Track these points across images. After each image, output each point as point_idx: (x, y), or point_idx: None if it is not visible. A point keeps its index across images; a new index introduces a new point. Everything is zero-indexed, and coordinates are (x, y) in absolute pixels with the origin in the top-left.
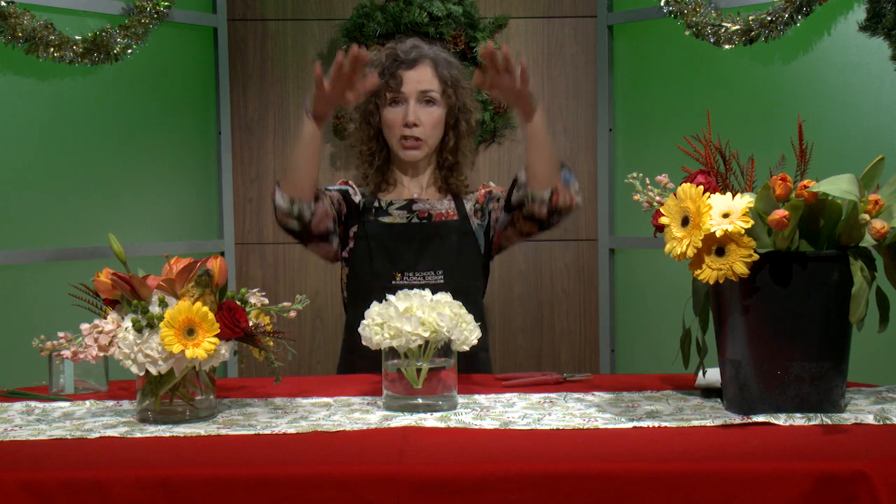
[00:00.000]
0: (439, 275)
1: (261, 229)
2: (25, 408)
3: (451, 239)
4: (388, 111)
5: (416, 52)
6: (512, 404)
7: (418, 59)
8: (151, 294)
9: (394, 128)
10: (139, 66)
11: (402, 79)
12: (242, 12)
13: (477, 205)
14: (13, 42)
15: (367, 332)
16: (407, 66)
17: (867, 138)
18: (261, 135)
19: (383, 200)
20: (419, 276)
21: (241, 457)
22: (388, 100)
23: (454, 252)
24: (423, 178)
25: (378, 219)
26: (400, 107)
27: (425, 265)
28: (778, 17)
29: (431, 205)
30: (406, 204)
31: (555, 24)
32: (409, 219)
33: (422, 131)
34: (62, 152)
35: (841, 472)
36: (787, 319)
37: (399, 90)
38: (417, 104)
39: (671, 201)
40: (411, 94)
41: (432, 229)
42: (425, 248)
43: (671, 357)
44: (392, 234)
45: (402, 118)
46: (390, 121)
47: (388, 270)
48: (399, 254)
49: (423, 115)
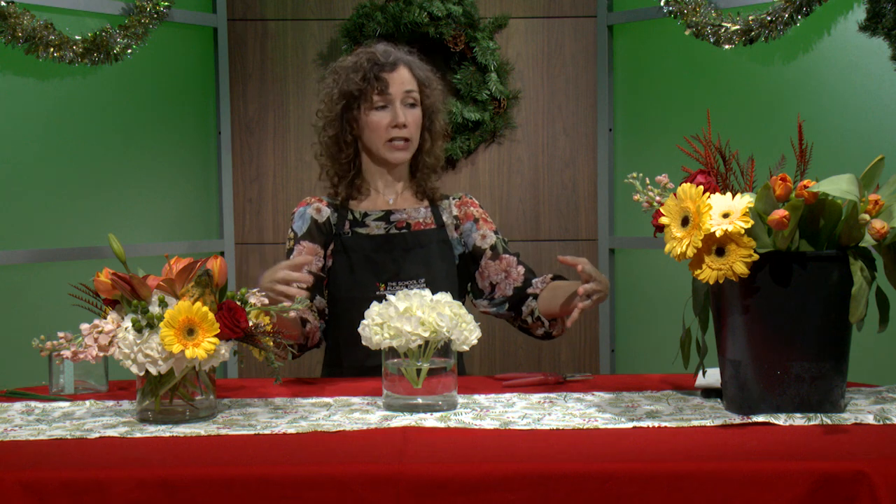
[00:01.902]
0: (422, 283)
1: (261, 229)
2: (25, 408)
3: (431, 248)
4: (373, 115)
5: (392, 55)
6: (512, 404)
7: (397, 61)
8: (151, 294)
9: (379, 131)
10: (139, 66)
11: (388, 81)
12: (242, 12)
13: (455, 221)
14: (13, 42)
15: (367, 332)
16: (389, 68)
17: (867, 138)
18: (261, 135)
19: (356, 211)
20: (402, 285)
21: (241, 457)
22: (374, 103)
23: (436, 260)
24: (399, 185)
25: (355, 230)
26: (386, 110)
27: (408, 274)
28: (778, 17)
29: (409, 214)
30: (383, 215)
31: (555, 24)
32: (387, 229)
33: (409, 132)
34: (62, 152)
35: (841, 472)
36: (787, 319)
37: (386, 92)
38: (402, 105)
39: (671, 201)
40: (397, 95)
41: (413, 238)
42: (406, 258)
43: (671, 357)
44: (373, 245)
45: (391, 120)
46: (375, 124)
47: (370, 281)
48: (382, 264)
49: (408, 116)
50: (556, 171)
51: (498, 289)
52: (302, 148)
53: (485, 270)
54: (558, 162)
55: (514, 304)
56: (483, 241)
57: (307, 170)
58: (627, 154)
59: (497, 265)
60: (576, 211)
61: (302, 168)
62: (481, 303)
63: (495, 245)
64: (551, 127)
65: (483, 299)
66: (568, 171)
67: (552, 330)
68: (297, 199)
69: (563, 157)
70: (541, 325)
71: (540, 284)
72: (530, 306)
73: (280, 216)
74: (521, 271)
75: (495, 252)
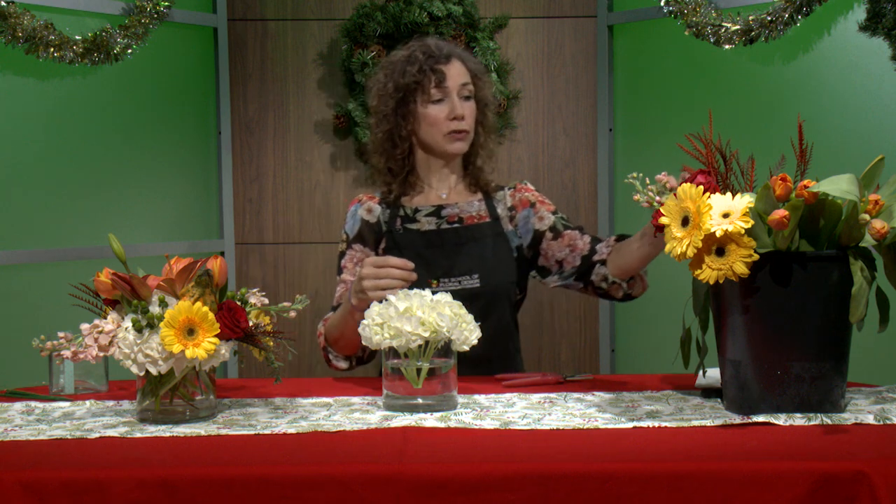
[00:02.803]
0: (475, 278)
1: (261, 229)
2: (25, 408)
3: (485, 242)
4: (430, 108)
5: (445, 48)
6: (512, 404)
7: (451, 54)
8: (151, 294)
9: (438, 124)
10: (139, 66)
11: (445, 73)
12: (242, 12)
13: (512, 211)
14: (13, 42)
15: (367, 332)
16: (444, 60)
17: (867, 138)
18: (261, 135)
19: (408, 207)
20: (455, 281)
21: (241, 457)
22: (432, 96)
23: (489, 254)
24: (452, 178)
25: (406, 226)
26: (443, 103)
27: (461, 269)
28: (778, 17)
29: (461, 208)
30: (434, 210)
31: (555, 24)
32: (438, 224)
33: (467, 123)
34: (62, 152)
35: (841, 472)
36: (787, 319)
37: (443, 84)
38: (458, 98)
39: (671, 201)
40: (454, 88)
41: (465, 233)
42: (460, 253)
43: (671, 357)
44: (425, 241)
45: (449, 112)
46: (433, 117)
47: (423, 278)
48: (434, 260)
49: (465, 109)
50: (556, 171)
51: (566, 262)
52: (302, 148)
53: (548, 251)
54: (558, 162)
55: (583, 274)
56: (542, 223)
57: (307, 170)
58: (627, 154)
59: (559, 243)
60: (576, 211)
61: (302, 168)
62: (551, 279)
63: (554, 224)
64: (551, 127)
65: (552, 275)
66: (568, 171)
67: (631, 290)
68: (297, 199)
69: (563, 157)
70: (619, 287)
71: (605, 249)
72: (600, 273)
73: (280, 216)
74: (587, 240)
75: (556, 231)
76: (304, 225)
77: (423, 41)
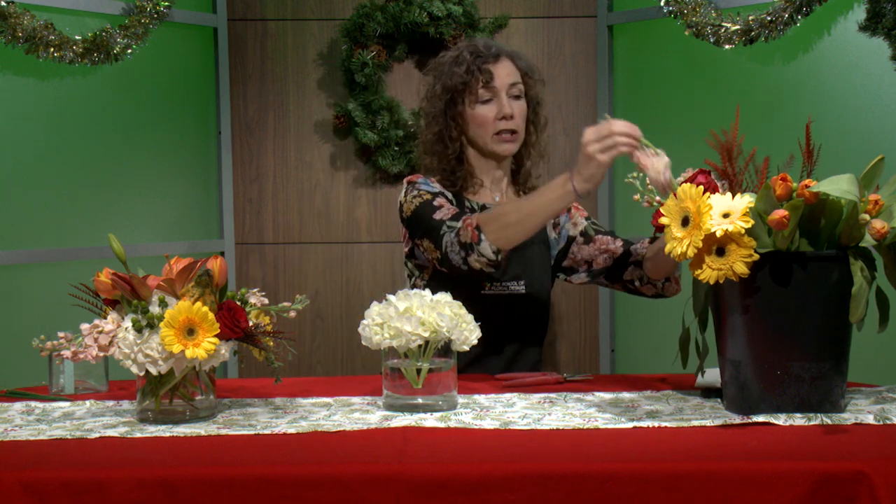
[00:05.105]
0: (521, 284)
1: (261, 229)
2: (25, 408)
3: (533, 248)
4: (479, 108)
5: (494, 47)
6: (512, 404)
7: (500, 53)
8: (151, 294)
9: (486, 124)
10: (139, 66)
11: (492, 72)
12: (242, 12)
13: (555, 218)
14: (13, 42)
15: (367, 332)
16: (493, 60)
17: (867, 138)
18: (261, 135)
19: (474, 202)
20: (504, 285)
21: (241, 457)
22: (480, 97)
23: (535, 260)
24: (504, 181)
25: None
26: (491, 103)
27: (510, 275)
28: (778, 17)
29: None
30: None
31: (555, 24)
32: None
33: (516, 123)
34: (62, 152)
35: (841, 472)
36: (787, 319)
37: (491, 84)
38: (507, 97)
39: (671, 201)
40: (502, 87)
41: None
42: (511, 258)
43: (671, 357)
44: None
45: (497, 112)
46: (482, 118)
47: (476, 280)
48: None
49: (515, 108)
50: (556, 171)
51: (595, 263)
52: (302, 148)
53: (577, 255)
54: (558, 162)
55: (613, 273)
56: (574, 228)
57: (307, 170)
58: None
59: (591, 248)
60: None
61: (302, 168)
62: (578, 276)
63: (586, 230)
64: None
65: (579, 273)
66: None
67: (665, 291)
68: (297, 199)
69: (564, 157)
70: (652, 286)
71: (640, 250)
72: (635, 273)
73: (280, 216)
74: (619, 244)
75: (587, 236)
76: (304, 225)
77: (471, 41)
